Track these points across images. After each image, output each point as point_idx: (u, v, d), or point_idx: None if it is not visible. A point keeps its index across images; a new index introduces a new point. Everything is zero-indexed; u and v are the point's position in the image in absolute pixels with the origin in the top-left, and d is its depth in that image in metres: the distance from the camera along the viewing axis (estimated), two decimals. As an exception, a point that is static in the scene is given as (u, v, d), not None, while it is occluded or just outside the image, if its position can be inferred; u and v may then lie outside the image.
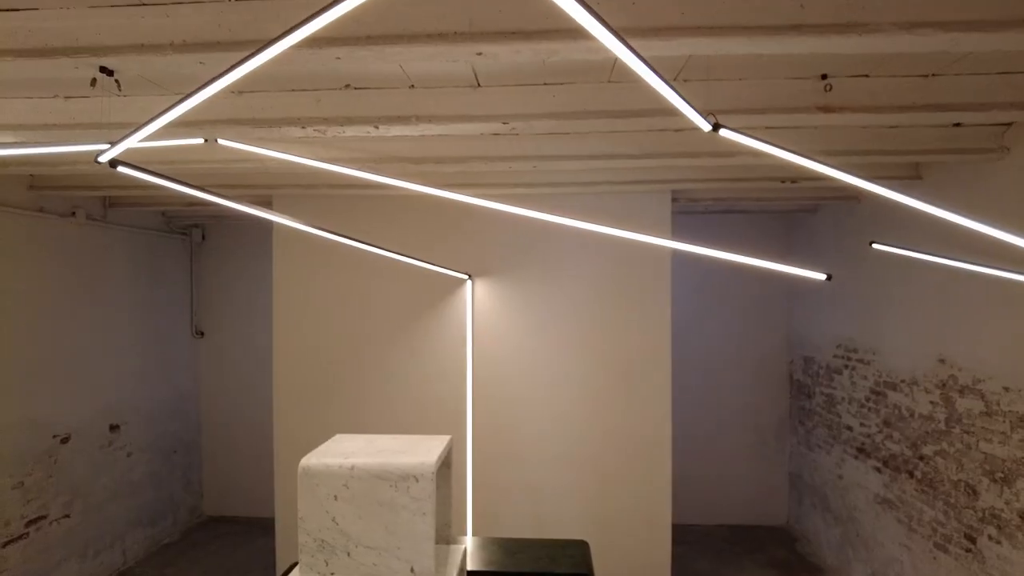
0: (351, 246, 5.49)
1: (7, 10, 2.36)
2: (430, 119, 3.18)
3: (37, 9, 2.35)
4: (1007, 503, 4.05)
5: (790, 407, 7.54)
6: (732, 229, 7.36)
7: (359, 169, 3.83)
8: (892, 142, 3.99)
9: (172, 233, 7.25)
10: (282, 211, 5.62)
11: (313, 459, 3.01)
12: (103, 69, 2.43)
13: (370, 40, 2.27)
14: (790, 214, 7.13)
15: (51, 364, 5.50)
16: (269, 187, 5.20)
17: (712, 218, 7.21)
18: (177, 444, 7.34)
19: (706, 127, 2.35)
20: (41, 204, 5.38)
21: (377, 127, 3.21)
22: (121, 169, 2.39)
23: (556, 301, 5.73)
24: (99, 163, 2.36)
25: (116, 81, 2.51)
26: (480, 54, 2.29)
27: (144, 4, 2.31)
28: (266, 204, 5.76)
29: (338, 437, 3.43)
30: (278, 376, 5.81)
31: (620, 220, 5.48)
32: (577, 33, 2.19)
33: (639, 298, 5.65)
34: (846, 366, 6.19)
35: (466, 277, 5.68)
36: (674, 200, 5.74)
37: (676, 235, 5.91)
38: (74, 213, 5.68)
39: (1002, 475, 4.11)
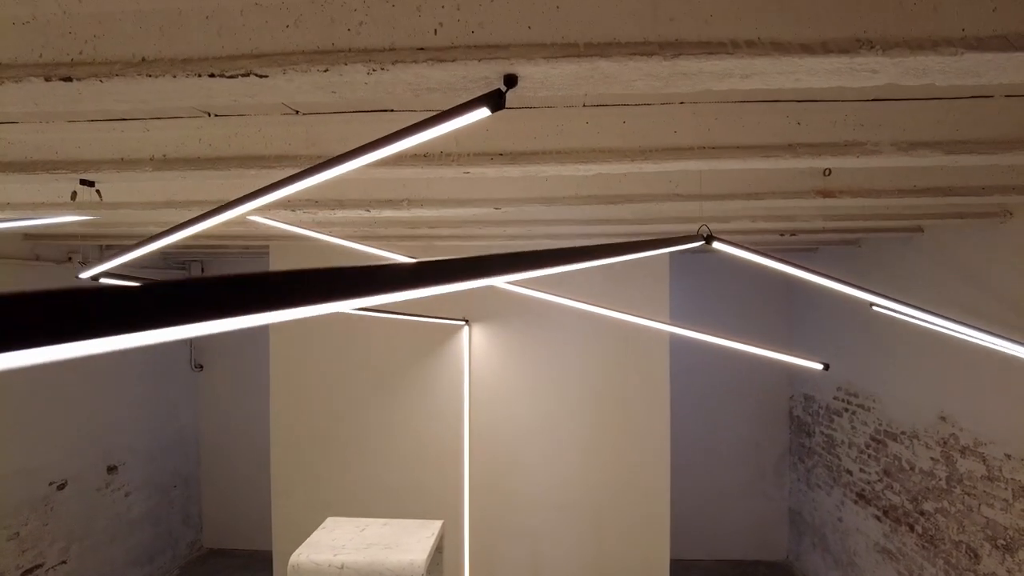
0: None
1: (-14, 122, 2.32)
2: (422, 203, 3.13)
3: (17, 123, 2.31)
4: (1009, 572, 4.00)
5: (790, 443, 7.49)
6: (731, 265, 7.27)
7: (354, 239, 3.79)
8: (892, 208, 3.92)
9: (170, 269, 7.23)
10: (277, 260, 5.59)
11: (303, 555, 2.98)
12: (84, 181, 2.39)
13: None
14: (790, 252, 7.06)
15: (47, 412, 5.48)
16: (266, 238, 5.17)
17: (711, 255, 7.13)
18: (176, 479, 7.33)
19: (698, 243, 2.30)
20: (37, 252, 5.36)
21: (369, 211, 3.16)
22: (105, 280, 2.36)
23: (554, 343, 5.69)
24: (79, 279, 2.33)
25: (97, 191, 2.47)
26: (467, 173, 2.24)
27: (124, 119, 2.27)
28: (263, 253, 5.73)
29: (328, 523, 3.39)
30: (275, 424, 5.78)
31: (616, 269, 5.44)
32: (565, 156, 2.14)
33: (637, 341, 5.60)
34: (846, 409, 6.13)
35: (463, 322, 5.63)
36: (673, 245, 5.67)
37: (674, 273, 5.86)
38: (70, 259, 5.66)
39: (1004, 542, 4.05)
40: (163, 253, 6.88)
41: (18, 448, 5.19)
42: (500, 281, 0.90)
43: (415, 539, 3.12)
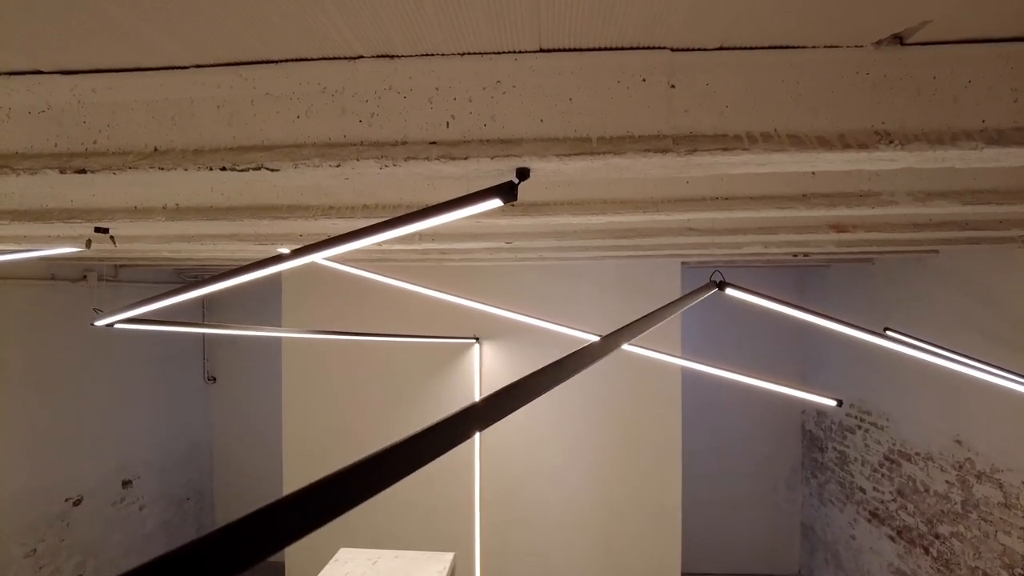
0: (361, 302, 5.45)
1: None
2: (433, 237, 3.13)
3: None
4: (1025, 602, 3.95)
5: (802, 457, 7.44)
6: (742, 281, 7.22)
7: (364, 263, 3.79)
8: (907, 238, 3.87)
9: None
10: (290, 284, 5.61)
11: (314, 592, 2.98)
12: (98, 229, 2.40)
13: (366, 209, 2.23)
14: (802, 269, 7.01)
15: (62, 428, 5.54)
16: (275, 258, 5.18)
17: (721, 270, 7.10)
18: (190, 491, 7.39)
19: (711, 291, 2.28)
20: (52, 272, 5.41)
21: (380, 244, 3.16)
22: (119, 326, 2.37)
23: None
24: (95, 325, 2.35)
25: (111, 238, 2.48)
26: (479, 223, 2.23)
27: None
28: (275, 278, 5.75)
29: (341, 555, 3.41)
30: (288, 438, 5.82)
31: (628, 289, 5.42)
32: (577, 208, 2.13)
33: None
34: (859, 426, 6.08)
35: (473, 340, 5.64)
36: (683, 263, 5.65)
37: (685, 289, 5.83)
38: (85, 277, 5.71)
39: (1021, 572, 4.01)
40: (177, 269, 6.93)
41: (34, 465, 5.26)
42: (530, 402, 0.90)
43: (426, 573, 3.12)
